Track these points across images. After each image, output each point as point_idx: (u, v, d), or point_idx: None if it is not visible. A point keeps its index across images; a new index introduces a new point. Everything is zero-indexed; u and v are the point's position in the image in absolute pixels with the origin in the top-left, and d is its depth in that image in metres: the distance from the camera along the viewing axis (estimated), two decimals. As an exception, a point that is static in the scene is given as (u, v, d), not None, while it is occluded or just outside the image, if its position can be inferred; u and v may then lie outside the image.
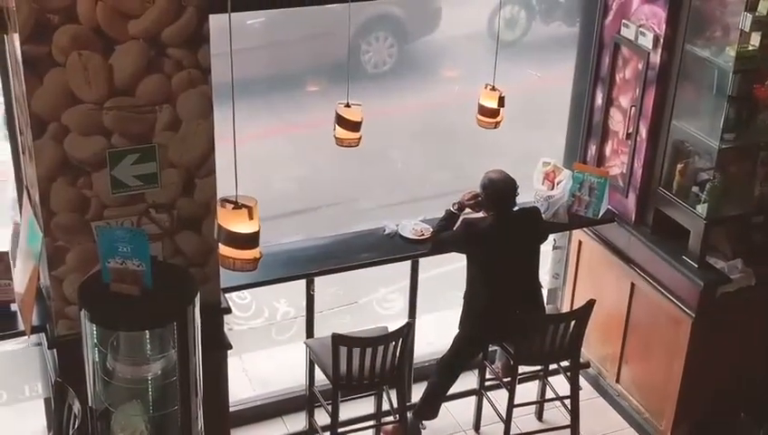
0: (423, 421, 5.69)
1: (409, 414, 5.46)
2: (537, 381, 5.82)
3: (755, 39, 4.90)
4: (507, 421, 5.39)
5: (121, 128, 4.14)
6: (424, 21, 7.65)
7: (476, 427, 5.84)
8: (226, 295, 4.82)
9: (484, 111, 5.11)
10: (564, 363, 5.51)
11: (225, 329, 4.87)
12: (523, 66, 7.19)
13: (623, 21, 5.49)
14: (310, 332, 5.53)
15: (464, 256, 5.35)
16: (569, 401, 5.46)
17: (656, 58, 5.31)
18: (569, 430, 5.51)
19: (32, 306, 4.33)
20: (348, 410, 5.50)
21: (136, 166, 4.23)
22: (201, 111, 4.25)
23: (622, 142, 5.68)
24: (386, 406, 5.45)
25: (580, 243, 6.09)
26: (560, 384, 5.61)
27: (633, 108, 5.52)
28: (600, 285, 5.91)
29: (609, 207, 5.79)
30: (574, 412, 5.46)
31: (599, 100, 5.80)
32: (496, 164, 5.35)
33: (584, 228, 5.95)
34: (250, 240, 3.88)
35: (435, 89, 7.36)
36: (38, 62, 3.91)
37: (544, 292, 5.72)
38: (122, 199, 4.26)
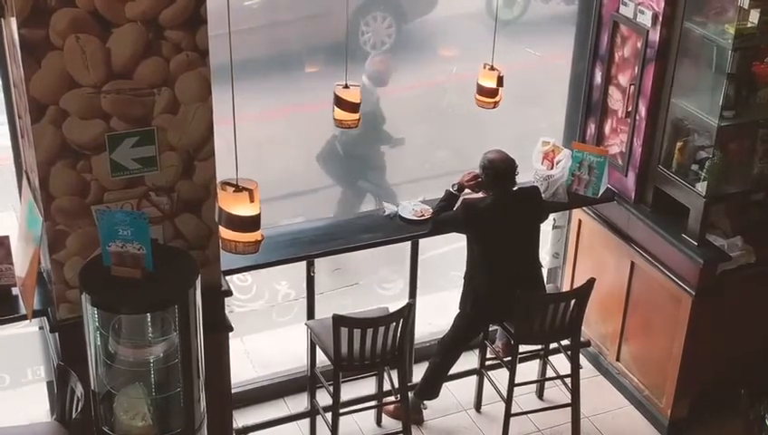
0: (424, 401, 5.71)
1: (411, 394, 5.48)
2: (538, 360, 5.83)
3: (754, 16, 4.88)
4: (508, 400, 5.41)
5: (120, 111, 4.14)
6: (422, 1, 7.62)
7: (477, 406, 5.87)
8: (227, 278, 4.83)
9: (482, 90, 5.09)
10: (565, 342, 5.53)
11: (227, 311, 4.87)
12: (522, 45, 7.18)
13: (622, -1, 5.47)
14: (311, 313, 5.54)
15: (464, 237, 5.36)
16: (569, 379, 5.48)
17: (655, 36, 5.29)
18: (569, 409, 5.53)
19: (33, 290, 4.34)
20: (349, 390, 5.52)
21: (135, 149, 4.22)
22: (200, 94, 4.25)
23: (621, 121, 5.67)
24: (387, 386, 5.46)
25: (579, 222, 6.10)
26: (560, 363, 5.62)
27: (632, 86, 5.51)
28: (600, 264, 5.92)
29: (609, 185, 5.79)
30: (575, 391, 5.48)
31: (598, 78, 5.79)
32: (496, 144, 5.35)
33: (584, 207, 5.95)
34: (251, 223, 3.89)
35: (433, 69, 7.35)
36: (36, 45, 3.90)
37: (544, 271, 5.74)
38: (122, 183, 4.26)
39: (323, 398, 5.39)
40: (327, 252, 5.30)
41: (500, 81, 5.04)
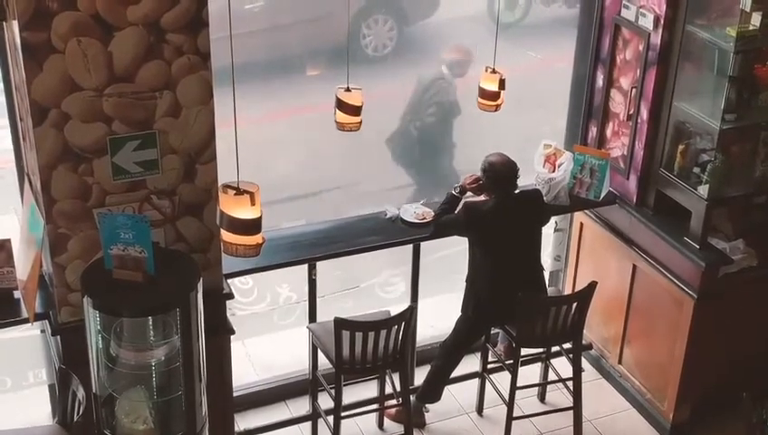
0: (426, 404, 5.71)
1: (412, 397, 5.48)
2: (539, 364, 5.83)
3: (756, 19, 4.88)
4: (510, 404, 5.41)
5: (122, 114, 4.14)
6: (424, 3, 7.62)
7: (479, 409, 5.86)
8: (229, 281, 4.83)
9: (484, 93, 5.09)
10: (566, 345, 5.52)
11: (228, 314, 4.88)
12: (524, 48, 7.17)
13: (623, 2, 5.47)
14: (312, 316, 5.54)
15: (465, 240, 5.35)
16: (571, 382, 5.48)
17: (656, 39, 5.29)
18: (571, 412, 5.53)
19: (34, 294, 4.34)
20: (351, 393, 5.51)
21: (137, 152, 4.23)
22: (201, 97, 4.25)
23: (623, 124, 5.67)
24: (389, 389, 5.46)
25: (581, 225, 6.09)
26: (562, 366, 5.62)
27: (634, 89, 5.51)
28: (602, 267, 5.92)
29: (611, 188, 5.79)
30: (576, 394, 5.47)
31: (599, 81, 5.79)
32: (497, 147, 5.34)
33: (585, 210, 5.95)
34: (252, 226, 3.89)
35: (435, 72, 7.33)
36: (37, 49, 3.91)
37: (546, 274, 5.72)
38: (124, 186, 4.27)
39: (325, 401, 5.39)
40: (328, 255, 5.30)
41: (502, 84, 5.04)
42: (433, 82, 6.39)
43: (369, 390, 5.65)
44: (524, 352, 5.41)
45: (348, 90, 4.80)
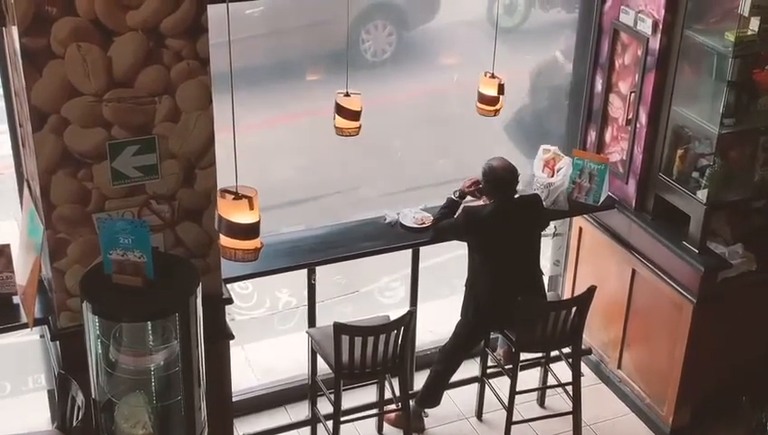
0: (425, 409, 5.70)
1: (412, 402, 5.47)
2: (539, 368, 5.83)
3: (755, 24, 4.89)
4: (509, 408, 5.41)
5: (121, 119, 4.14)
6: (423, 8, 7.63)
7: (479, 414, 5.86)
8: (228, 286, 4.83)
9: (483, 98, 5.10)
10: (566, 350, 5.52)
11: (227, 319, 4.88)
12: (523, 53, 7.18)
13: (622, 7, 5.48)
14: (312, 321, 5.54)
15: (465, 244, 5.35)
16: (570, 387, 5.48)
17: (655, 44, 5.30)
18: (571, 417, 5.52)
19: (34, 299, 4.34)
20: (350, 398, 5.51)
21: (136, 157, 4.23)
22: (200, 102, 4.26)
23: (622, 128, 5.68)
24: (388, 394, 5.46)
25: (580, 229, 6.10)
26: (561, 371, 5.62)
27: (633, 94, 5.52)
28: (601, 272, 5.92)
29: (610, 193, 5.79)
30: (576, 399, 5.47)
31: (598, 86, 5.79)
32: (497, 152, 5.35)
33: (585, 215, 5.95)
34: (250, 231, 3.88)
35: (435, 77, 7.34)
36: (37, 54, 3.91)
37: (545, 279, 5.73)
38: (123, 191, 4.27)
39: (324, 406, 5.38)
40: (328, 260, 5.30)
41: (501, 88, 5.04)
42: (545, 67, 6.40)
43: (368, 395, 5.66)
44: (524, 356, 5.41)
45: (347, 95, 4.81)
